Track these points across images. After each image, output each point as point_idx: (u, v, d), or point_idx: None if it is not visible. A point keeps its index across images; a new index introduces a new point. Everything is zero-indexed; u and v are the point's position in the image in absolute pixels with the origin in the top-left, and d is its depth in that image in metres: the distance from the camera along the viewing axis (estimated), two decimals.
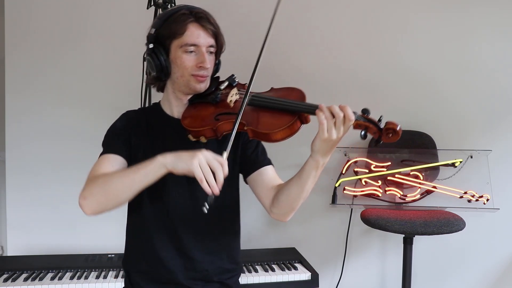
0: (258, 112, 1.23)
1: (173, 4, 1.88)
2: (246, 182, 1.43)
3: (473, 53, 2.58)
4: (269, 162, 1.41)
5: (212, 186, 1.05)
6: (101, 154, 1.32)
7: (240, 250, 1.47)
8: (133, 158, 1.33)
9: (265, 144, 1.42)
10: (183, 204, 1.33)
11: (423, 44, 2.57)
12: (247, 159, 1.40)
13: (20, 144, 2.30)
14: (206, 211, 1.04)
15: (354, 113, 1.11)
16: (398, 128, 1.10)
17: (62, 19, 2.34)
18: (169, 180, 1.25)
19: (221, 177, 1.06)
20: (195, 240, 1.34)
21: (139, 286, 1.36)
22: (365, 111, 1.14)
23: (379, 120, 1.13)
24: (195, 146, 1.30)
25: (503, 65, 2.59)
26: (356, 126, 1.13)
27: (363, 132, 1.13)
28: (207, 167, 1.06)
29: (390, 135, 1.11)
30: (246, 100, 1.19)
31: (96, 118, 1.43)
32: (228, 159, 1.34)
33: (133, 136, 1.35)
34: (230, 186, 1.39)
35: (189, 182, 1.27)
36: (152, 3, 1.95)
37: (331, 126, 1.09)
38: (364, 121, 1.12)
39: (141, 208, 1.34)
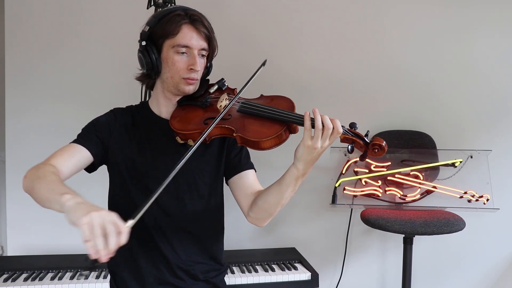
0: (248, 119, 1.23)
1: (173, 4, 1.88)
2: (227, 184, 1.43)
3: (473, 52, 2.58)
4: (251, 167, 1.41)
5: (97, 251, 0.87)
6: (72, 141, 1.31)
7: (224, 250, 1.47)
8: (116, 156, 1.33)
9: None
10: (169, 205, 1.33)
11: (423, 44, 2.57)
12: (230, 162, 1.40)
13: (20, 144, 2.30)
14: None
15: (342, 127, 1.13)
16: (384, 144, 1.14)
17: (62, 18, 2.33)
18: (155, 181, 1.25)
19: (112, 245, 0.88)
20: (180, 240, 1.34)
21: (126, 286, 1.35)
22: (352, 125, 1.17)
23: (366, 135, 1.16)
24: (182, 148, 1.30)
25: (503, 65, 2.59)
26: (344, 139, 1.16)
27: (350, 147, 1.16)
28: (98, 230, 0.88)
29: (376, 150, 1.15)
30: (229, 106, 1.21)
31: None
32: (212, 160, 1.33)
33: (115, 134, 1.34)
34: (215, 189, 1.40)
35: (175, 183, 1.28)
36: (152, 3, 1.95)
37: (318, 135, 1.11)
38: (352, 136, 1.15)
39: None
